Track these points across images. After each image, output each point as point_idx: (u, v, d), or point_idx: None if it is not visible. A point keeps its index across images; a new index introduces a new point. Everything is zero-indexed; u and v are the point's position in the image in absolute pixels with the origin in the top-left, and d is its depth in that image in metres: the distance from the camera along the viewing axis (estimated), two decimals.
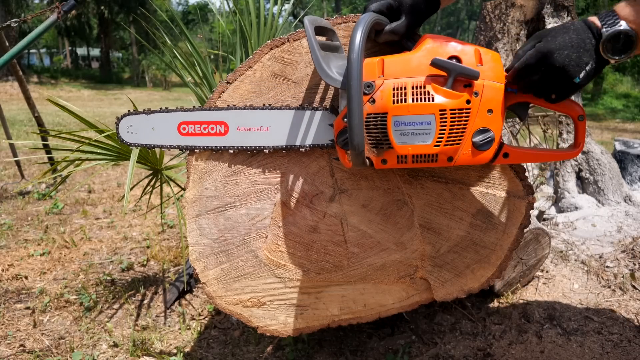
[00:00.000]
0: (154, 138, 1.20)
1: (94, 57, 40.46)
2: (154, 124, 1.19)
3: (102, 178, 4.42)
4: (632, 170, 3.06)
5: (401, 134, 0.90)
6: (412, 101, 0.89)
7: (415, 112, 0.89)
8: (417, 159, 0.93)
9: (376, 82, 0.92)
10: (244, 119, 1.13)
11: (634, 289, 1.92)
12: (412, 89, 0.89)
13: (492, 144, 0.92)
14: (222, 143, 1.16)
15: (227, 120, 1.14)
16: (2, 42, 3.31)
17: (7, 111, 6.86)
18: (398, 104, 0.90)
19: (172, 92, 22.24)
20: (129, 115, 1.20)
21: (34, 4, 26.57)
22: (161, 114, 1.18)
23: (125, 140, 1.22)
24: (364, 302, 1.28)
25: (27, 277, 2.23)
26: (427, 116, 0.89)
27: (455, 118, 0.89)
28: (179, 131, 1.17)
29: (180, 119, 1.17)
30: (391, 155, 0.93)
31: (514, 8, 2.72)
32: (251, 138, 1.14)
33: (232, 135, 1.14)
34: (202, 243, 1.27)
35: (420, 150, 0.91)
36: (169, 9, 25.02)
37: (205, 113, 1.15)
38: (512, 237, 1.20)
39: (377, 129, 0.92)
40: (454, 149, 0.92)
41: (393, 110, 0.90)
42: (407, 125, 0.90)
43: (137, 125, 1.20)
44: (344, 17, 1.17)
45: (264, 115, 1.13)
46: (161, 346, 1.68)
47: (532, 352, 1.54)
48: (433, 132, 0.90)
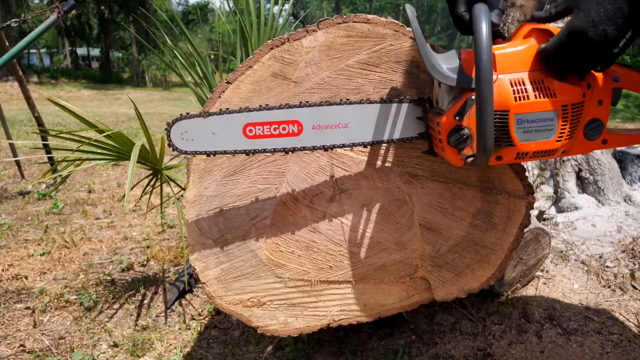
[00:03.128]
0: (216, 144, 1.06)
1: (94, 57, 40.47)
2: (214, 128, 1.05)
3: (102, 178, 4.42)
4: (632, 170, 3.06)
5: (524, 131, 0.88)
6: (535, 98, 0.86)
7: (538, 109, 0.86)
8: (537, 155, 0.92)
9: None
10: (320, 116, 1.04)
11: (634, 289, 1.92)
12: (532, 84, 0.87)
13: (601, 133, 0.92)
14: (296, 144, 1.05)
15: (301, 118, 1.04)
16: (2, 42, 3.31)
17: (7, 111, 6.86)
18: (520, 101, 0.86)
19: (172, 92, 22.24)
20: (183, 119, 1.06)
21: (34, 4, 26.57)
22: (222, 116, 1.05)
23: (180, 149, 1.07)
24: (364, 302, 1.28)
25: (27, 277, 2.23)
26: (550, 112, 0.87)
27: (575, 112, 0.88)
28: (244, 134, 1.05)
29: (246, 120, 1.05)
30: (510, 152, 0.91)
31: (514, 8, 2.72)
32: (329, 136, 1.05)
33: (307, 135, 1.05)
34: (202, 243, 1.27)
35: (543, 147, 0.90)
36: (169, 9, 25.02)
37: (275, 112, 1.04)
38: (512, 237, 1.20)
39: (497, 127, 0.87)
40: (570, 142, 0.91)
41: (515, 108, 0.86)
42: (530, 122, 0.87)
43: (193, 130, 1.06)
44: (344, 17, 1.17)
45: (343, 110, 1.04)
46: (161, 346, 1.68)
47: (532, 352, 1.54)
48: (555, 127, 0.88)
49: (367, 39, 1.15)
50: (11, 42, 3.43)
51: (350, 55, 1.16)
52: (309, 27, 1.18)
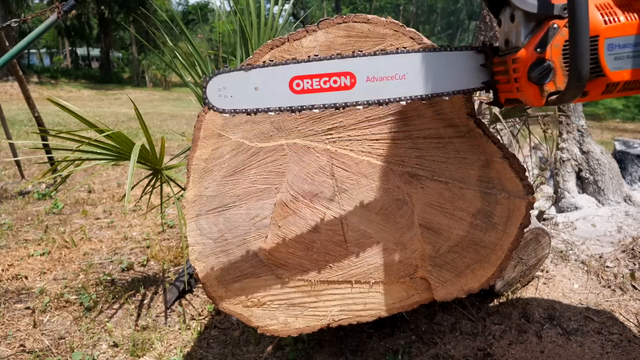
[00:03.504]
0: (259, 100, 0.97)
1: (94, 57, 40.46)
2: (256, 83, 0.96)
3: (102, 178, 4.42)
4: (632, 170, 3.06)
5: (616, 58, 0.79)
6: (627, 20, 0.78)
7: (631, 32, 0.78)
8: (629, 86, 0.81)
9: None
10: (375, 67, 0.96)
11: (634, 289, 1.92)
12: (620, 7, 0.79)
13: None
14: (349, 98, 0.97)
15: (355, 69, 0.96)
16: (2, 42, 3.31)
17: (7, 111, 6.86)
18: (611, 24, 0.78)
19: (172, 92, 22.24)
20: (221, 74, 0.97)
21: (34, 4, 26.57)
22: (266, 68, 0.96)
23: (217, 107, 0.98)
24: (364, 302, 1.28)
25: (27, 277, 2.23)
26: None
27: None
28: (291, 89, 0.96)
29: (293, 72, 0.96)
30: (599, 84, 0.81)
31: None
32: (385, 89, 0.97)
33: (360, 88, 0.96)
34: (202, 243, 1.27)
35: (638, 75, 0.80)
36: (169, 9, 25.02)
37: (326, 63, 0.96)
38: (512, 237, 1.20)
39: None
40: None
41: (605, 32, 0.78)
42: (622, 47, 0.79)
43: (233, 85, 0.97)
44: (344, 17, 1.17)
45: (400, 60, 0.96)
46: (161, 346, 1.68)
47: (532, 352, 1.54)
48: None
49: (367, 39, 1.15)
50: (11, 42, 3.43)
51: None
52: (309, 27, 1.18)
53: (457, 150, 1.17)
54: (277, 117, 1.21)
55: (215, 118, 1.25)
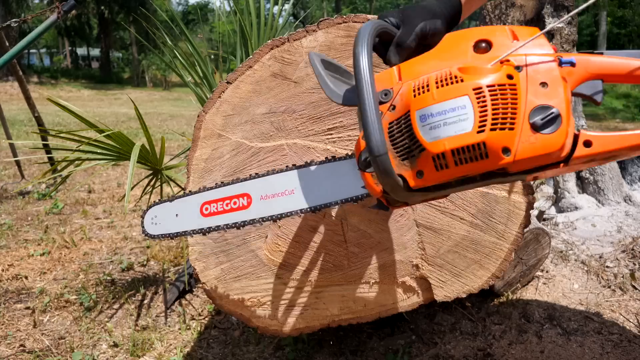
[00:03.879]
0: (179, 225, 1.11)
1: (94, 57, 40.48)
2: (177, 210, 1.12)
3: (102, 178, 4.42)
4: (632, 170, 3.06)
5: (430, 128, 0.72)
6: (437, 87, 0.73)
7: (442, 99, 0.72)
8: (460, 156, 0.72)
9: (394, 87, 0.78)
10: (267, 185, 1.03)
11: (634, 289, 1.92)
12: (437, 79, 0.74)
13: (559, 124, 0.70)
14: (246, 217, 1.04)
15: (250, 190, 1.04)
16: (2, 42, 3.31)
17: (7, 111, 6.86)
18: (420, 95, 0.74)
19: (172, 92, 22.24)
20: (154, 206, 1.15)
21: (34, 4, 26.58)
22: (184, 197, 1.12)
23: (150, 233, 1.15)
24: (364, 302, 1.28)
25: (27, 277, 2.23)
26: (460, 99, 0.71)
27: (497, 95, 0.71)
28: (201, 212, 1.09)
29: (203, 199, 1.09)
30: (426, 160, 0.74)
31: (514, 8, 2.72)
32: (276, 205, 1.03)
33: (256, 206, 1.04)
34: (202, 243, 1.27)
35: (460, 142, 0.71)
36: (169, 9, 25.02)
37: (228, 188, 1.07)
38: (512, 237, 1.20)
39: (403, 134, 0.75)
40: (508, 135, 0.70)
41: (415, 104, 0.74)
42: (435, 116, 0.72)
43: (161, 214, 1.14)
44: (344, 17, 1.17)
45: (288, 177, 1.03)
46: (161, 346, 1.68)
47: (532, 352, 1.54)
48: (471, 115, 0.71)
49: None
50: (11, 42, 3.43)
51: (350, 55, 1.16)
52: (309, 27, 1.18)
53: None
54: (277, 117, 1.21)
55: (215, 118, 1.25)
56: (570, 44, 2.75)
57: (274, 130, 1.22)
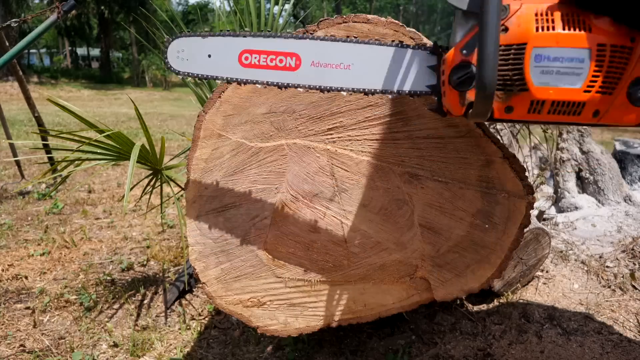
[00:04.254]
0: (210, 67, 1.00)
1: (94, 57, 40.47)
2: (210, 50, 1.00)
3: (102, 178, 4.42)
4: (632, 170, 3.06)
5: (542, 71, 0.70)
6: (563, 29, 0.69)
7: (566, 44, 0.69)
8: (557, 108, 0.71)
9: (512, 5, 0.72)
10: (322, 52, 0.94)
11: (634, 289, 1.92)
12: (563, 15, 0.70)
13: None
14: (291, 80, 0.96)
15: (300, 52, 0.95)
16: (2, 42, 3.31)
17: (7, 111, 6.86)
18: (543, 31, 0.70)
19: (172, 92, 22.24)
20: (182, 37, 1.01)
21: (34, 4, 26.58)
22: (220, 37, 0.99)
23: (174, 68, 1.02)
24: (364, 302, 1.28)
25: (27, 277, 2.23)
26: (581, 50, 0.68)
27: (615, 58, 0.69)
28: (240, 61, 0.98)
29: (243, 46, 0.98)
30: (523, 100, 0.72)
31: None
32: (328, 76, 0.95)
33: (304, 71, 0.96)
34: (202, 243, 1.27)
35: (565, 96, 0.70)
36: (169, 9, 25.02)
37: (274, 41, 0.96)
38: (512, 237, 1.20)
39: (509, 65, 0.71)
40: (605, 100, 0.70)
41: (535, 39, 0.70)
42: (552, 60, 0.69)
43: (190, 50, 1.01)
44: (344, 17, 1.17)
45: (347, 49, 0.94)
46: (161, 346, 1.68)
47: (532, 352, 1.54)
48: (585, 72, 0.69)
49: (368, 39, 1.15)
50: (11, 42, 3.42)
51: None
52: (309, 27, 1.18)
53: (457, 150, 1.17)
54: (277, 117, 1.21)
55: (215, 118, 1.26)
56: None
57: (274, 130, 1.22)
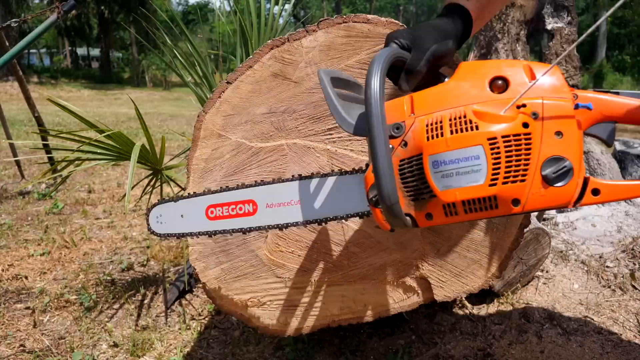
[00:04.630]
0: (184, 226, 1.13)
1: (94, 57, 40.47)
2: (182, 211, 1.13)
3: (102, 178, 4.42)
4: (632, 170, 3.06)
5: (442, 176, 0.72)
6: (451, 133, 0.71)
7: (455, 146, 0.71)
8: (472, 206, 0.72)
9: (406, 122, 0.76)
10: (272, 194, 1.04)
11: (634, 289, 1.92)
12: (451, 120, 0.72)
13: (571, 176, 0.70)
14: (252, 224, 1.06)
15: (255, 197, 1.05)
16: (2, 42, 3.31)
17: (7, 111, 6.86)
18: (433, 139, 0.72)
19: (172, 92, 22.24)
20: (158, 205, 1.17)
21: (34, 4, 26.58)
22: (189, 199, 1.13)
23: (156, 232, 1.17)
24: (364, 302, 1.28)
25: (27, 277, 2.23)
26: (473, 149, 0.70)
27: (511, 146, 0.69)
28: (207, 216, 1.10)
29: (208, 202, 1.10)
30: (436, 206, 0.74)
31: (514, 8, 2.72)
32: (282, 214, 1.03)
33: (261, 214, 1.05)
34: (202, 243, 1.27)
35: (471, 194, 0.71)
36: (169, 9, 25.02)
37: (233, 192, 1.08)
38: (512, 237, 1.20)
39: (414, 176, 0.75)
40: (519, 188, 0.70)
41: (428, 147, 0.72)
42: (448, 164, 0.71)
43: (166, 214, 1.15)
44: (344, 17, 1.17)
45: (293, 187, 1.03)
46: (161, 346, 1.68)
47: (532, 352, 1.54)
48: (484, 167, 0.70)
49: (368, 39, 1.15)
50: (11, 42, 3.43)
51: (351, 55, 1.16)
52: (309, 27, 1.18)
53: None
54: (277, 117, 1.21)
55: (215, 118, 1.25)
56: (570, 44, 2.76)
57: (274, 130, 1.22)
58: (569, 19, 2.73)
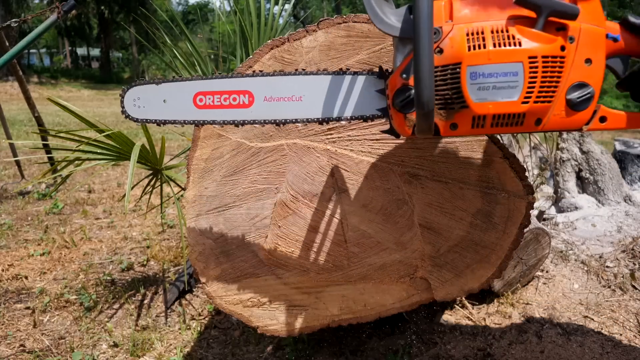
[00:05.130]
0: (166, 112, 1.02)
1: (94, 57, 40.47)
2: (165, 96, 1.01)
3: (102, 178, 4.42)
4: (632, 170, 3.06)
5: (479, 88, 0.73)
6: (494, 46, 0.72)
7: (497, 60, 0.72)
8: (499, 121, 0.75)
9: (443, 27, 0.75)
10: (273, 87, 0.97)
11: (634, 289, 1.92)
12: (493, 33, 0.73)
13: (591, 102, 0.75)
14: (247, 116, 0.98)
15: (252, 89, 0.97)
16: (2, 42, 3.31)
17: (7, 111, 6.86)
18: (475, 50, 0.73)
19: None
20: (136, 86, 1.03)
21: (34, 4, 26.57)
22: (174, 83, 1.02)
23: (132, 116, 1.04)
24: (364, 302, 1.28)
25: (27, 277, 2.23)
26: (514, 65, 0.72)
27: (548, 67, 0.73)
28: (195, 103, 1.00)
29: (196, 88, 1.00)
30: (465, 116, 0.76)
31: None
32: (281, 110, 0.97)
33: (257, 107, 0.98)
34: (202, 243, 1.27)
35: (504, 109, 0.73)
36: (169, 9, 25.02)
37: (226, 81, 0.99)
38: (512, 237, 1.20)
39: (447, 84, 0.75)
40: (545, 108, 0.74)
41: (469, 58, 0.73)
42: (487, 77, 0.73)
43: (145, 97, 1.02)
44: (344, 17, 1.17)
45: (297, 81, 0.96)
46: (161, 346, 1.68)
47: (532, 352, 1.54)
48: (521, 85, 0.72)
49: (368, 39, 1.15)
50: (11, 42, 3.42)
51: (350, 55, 1.16)
52: (309, 27, 1.19)
53: (457, 150, 1.18)
54: None
55: None
56: None
57: (274, 130, 1.22)
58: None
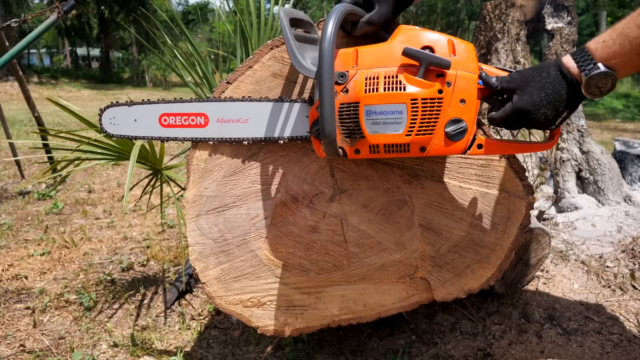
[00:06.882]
0: (137, 130, 1.22)
1: (94, 57, 40.46)
2: (136, 116, 1.21)
3: (102, 178, 4.42)
4: (632, 170, 3.06)
5: (373, 123, 0.91)
6: (384, 90, 0.90)
7: (386, 101, 0.90)
8: (389, 149, 0.94)
9: (350, 72, 0.93)
10: (224, 110, 1.15)
11: (634, 289, 1.92)
12: (385, 78, 0.91)
13: (465, 134, 0.92)
14: (202, 135, 1.17)
15: (207, 111, 1.16)
16: (2, 42, 3.31)
17: (7, 111, 6.86)
18: (370, 93, 0.91)
19: (172, 92, 22.22)
20: (112, 107, 1.23)
21: (34, 4, 26.55)
22: (142, 105, 1.21)
23: (109, 132, 1.24)
24: (364, 302, 1.28)
25: (27, 277, 2.23)
26: (399, 105, 0.90)
27: (427, 107, 0.90)
28: (160, 123, 1.19)
29: (161, 110, 1.19)
30: (364, 144, 0.94)
31: (514, 8, 2.72)
32: (230, 130, 1.15)
33: (212, 127, 1.16)
34: (202, 243, 1.27)
35: (392, 140, 0.92)
36: (169, 9, 25.02)
37: (186, 105, 1.17)
38: (512, 237, 1.20)
39: (350, 118, 0.93)
40: (427, 139, 0.92)
41: (365, 99, 0.91)
42: (378, 114, 0.91)
43: (119, 116, 1.22)
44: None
45: (244, 106, 1.14)
46: (161, 346, 1.68)
47: (532, 352, 1.54)
48: (404, 121, 0.90)
49: (368, 39, 1.15)
50: (11, 42, 3.43)
51: None
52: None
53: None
54: None
55: None
56: (570, 44, 2.75)
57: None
58: (569, 19, 2.73)
